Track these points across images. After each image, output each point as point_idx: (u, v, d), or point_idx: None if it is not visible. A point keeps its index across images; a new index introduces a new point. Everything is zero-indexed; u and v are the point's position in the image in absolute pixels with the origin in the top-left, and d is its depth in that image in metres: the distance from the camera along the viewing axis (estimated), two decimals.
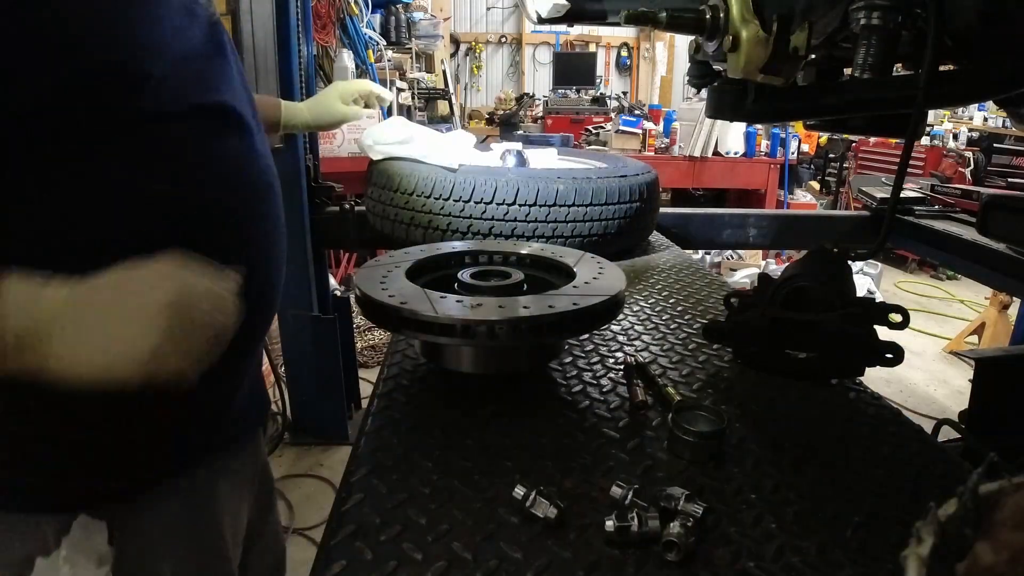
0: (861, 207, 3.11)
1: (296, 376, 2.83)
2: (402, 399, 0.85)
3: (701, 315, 1.20)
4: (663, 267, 1.50)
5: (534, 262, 1.03)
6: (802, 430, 0.81)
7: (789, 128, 5.29)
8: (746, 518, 0.64)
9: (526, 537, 0.60)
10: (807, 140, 6.08)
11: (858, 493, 0.69)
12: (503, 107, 7.81)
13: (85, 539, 0.72)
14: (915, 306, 5.09)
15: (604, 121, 6.10)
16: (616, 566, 0.57)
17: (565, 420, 0.81)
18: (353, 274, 3.75)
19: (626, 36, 9.72)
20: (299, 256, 2.53)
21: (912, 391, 3.70)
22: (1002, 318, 3.92)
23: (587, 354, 1.00)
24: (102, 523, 0.73)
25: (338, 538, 0.59)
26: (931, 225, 2.32)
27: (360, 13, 3.73)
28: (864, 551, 0.60)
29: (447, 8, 8.07)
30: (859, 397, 0.90)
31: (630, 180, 1.49)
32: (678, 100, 8.41)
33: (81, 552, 0.72)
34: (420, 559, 0.56)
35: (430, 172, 1.44)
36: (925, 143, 6.24)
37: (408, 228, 1.46)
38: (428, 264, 1.00)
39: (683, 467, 0.72)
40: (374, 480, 0.67)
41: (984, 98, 0.99)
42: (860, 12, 0.82)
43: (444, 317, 0.75)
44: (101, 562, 0.72)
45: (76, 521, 0.72)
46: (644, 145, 5.34)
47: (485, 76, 9.95)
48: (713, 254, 5.02)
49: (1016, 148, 6.48)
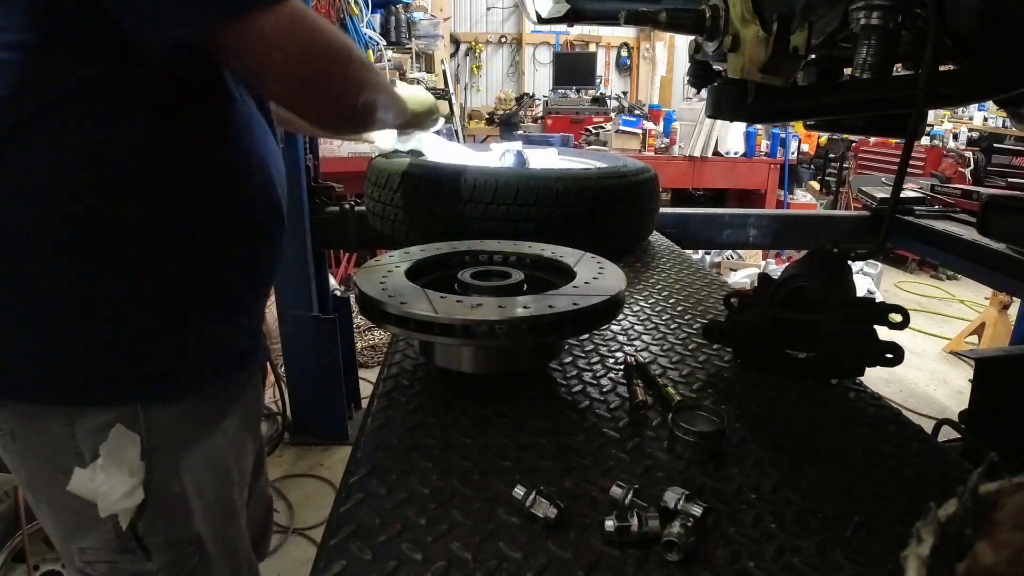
0: (861, 207, 3.11)
1: (296, 376, 2.83)
2: (402, 399, 0.85)
3: (701, 315, 1.20)
4: (663, 267, 1.50)
5: (534, 262, 1.03)
6: (802, 430, 0.81)
7: (789, 128, 5.30)
8: (746, 518, 0.64)
9: (526, 537, 0.60)
10: (807, 140, 6.08)
11: (858, 493, 0.69)
12: (503, 107, 7.81)
13: (119, 449, 0.78)
14: (915, 306, 5.09)
15: (604, 121, 6.11)
16: (616, 566, 0.57)
17: (565, 420, 0.81)
18: (353, 274, 3.75)
19: (626, 36, 9.72)
20: (299, 256, 2.53)
21: (912, 391, 3.70)
22: (1002, 318, 3.92)
23: (587, 354, 1.00)
24: (136, 436, 0.79)
25: (338, 538, 0.59)
26: (931, 225, 2.32)
27: (360, 13, 3.73)
28: (864, 551, 0.60)
29: (447, 8, 8.08)
30: (859, 397, 0.90)
31: (630, 180, 1.49)
32: (678, 100, 8.41)
33: (114, 462, 0.78)
34: (420, 559, 0.56)
35: (433, 172, 1.44)
36: (925, 143, 6.24)
37: (408, 228, 1.46)
38: (428, 264, 1.00)
39: (683, 467, 0.72)
40: (374, 480, 0.67)
41: (984, 98, 0.99)
42: (860, 12, 0.82)
43: (444, 317, 0.75)
44: (132, 473, 0.79)
45: (113, 430, 0.78)
46: (644, 145, 5.35)
47: (485, 76, 9.95)
48: (713, 254, 5.02)
49: (1016, 148, 6.48)
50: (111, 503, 0.79)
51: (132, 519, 0.81)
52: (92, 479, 0.78)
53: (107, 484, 0.78)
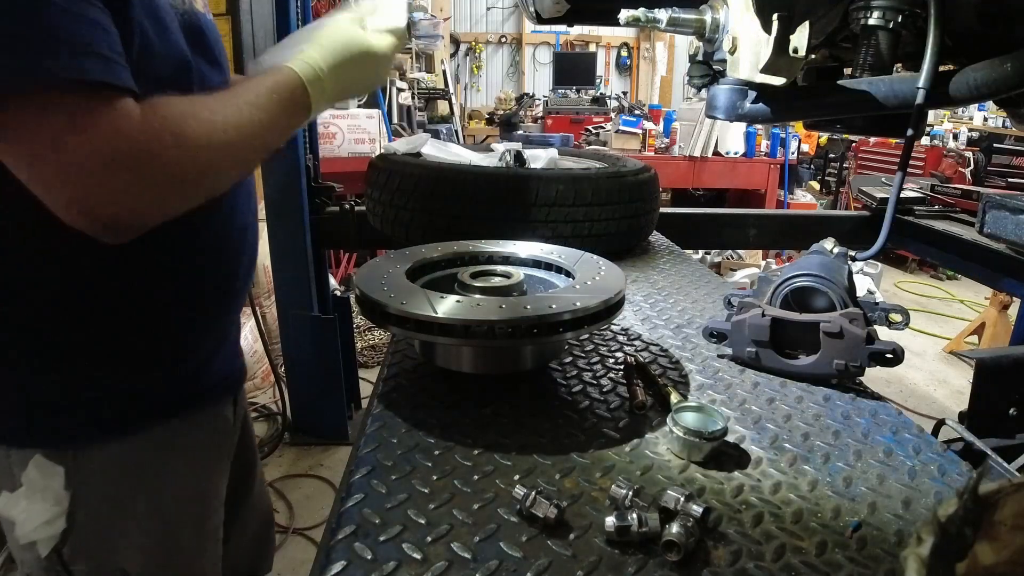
0: (861, 207, 3.11)
1: (296, 376, 2.83)
2: (402, 399, 0.85)
3: (701, 315, 1.20)
4: (663, 267, 1.50)
5: (534, 262, 1.03)
6: (802, 430, 0.81)
7: (789, 128, 5.29)
8: (746, 518, 0.64)
9: (526, 537, 0.60)
10: (807, 140, 6.08)
11: (858, 493, 0.69)
12: (503, 107, 7.81)
13: (41, 479, 0.78)
14: (915, 306, 5.09)
15: (604, 121, 6.11)
16: (616, 566, 0.57)
17: (565, 420, 0.81)
18: (353, 274, 3.75)
19: (626, 36, 9.72)
20: (299, 256, 2.53)
21: (912, 391, 3.70)
22: (1002, 318, 3.92)
23: (587, 354, 1.00)
24: (60, 467, 0.79)
25: (338, 538, 0.59)
26: (931, 225, 2.32)
27: None
28: (864, 551, 0.60)
29: (447, 8, 8.08)
30: (859, 397, 0.90)
31: (629, 180, 1.49)
32: (678, 100, 8.41)
33: (38, 490, 0.78)
34: (420, 559, 0.56)
35: (433, 171, 1.44)
36: (925, 143, 6.23)
37: (408, 228, 1.46)
38: (428, 264, 1.00)
39: (683, 467, 0.72)
40: (374, 480, 0.67)
41: (984, 98, 0.99)
42: (860, 12, 0.82)
43: (444, 317, 0.75)
44: (56, 502, 0.79)
45: (33, 460, 0.78)
46: (644, 145, 5.34)
47: (485, 76, 9.95)
48: (713, 254, 5.02)
49: (1016, 148, 6.47)
50: (27, 531, 0.79)
51: (56, 545, 0.81)
52: (16, 504, 0.79)
53: (27, 512, 0.79)
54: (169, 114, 0.65)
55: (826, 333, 0.89)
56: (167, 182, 0.65)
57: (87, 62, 0.58)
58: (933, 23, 0.77)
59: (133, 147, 0.61)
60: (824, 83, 1.11)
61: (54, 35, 0.57)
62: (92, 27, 0.59)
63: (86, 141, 0.59)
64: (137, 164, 0.62)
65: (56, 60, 0.57)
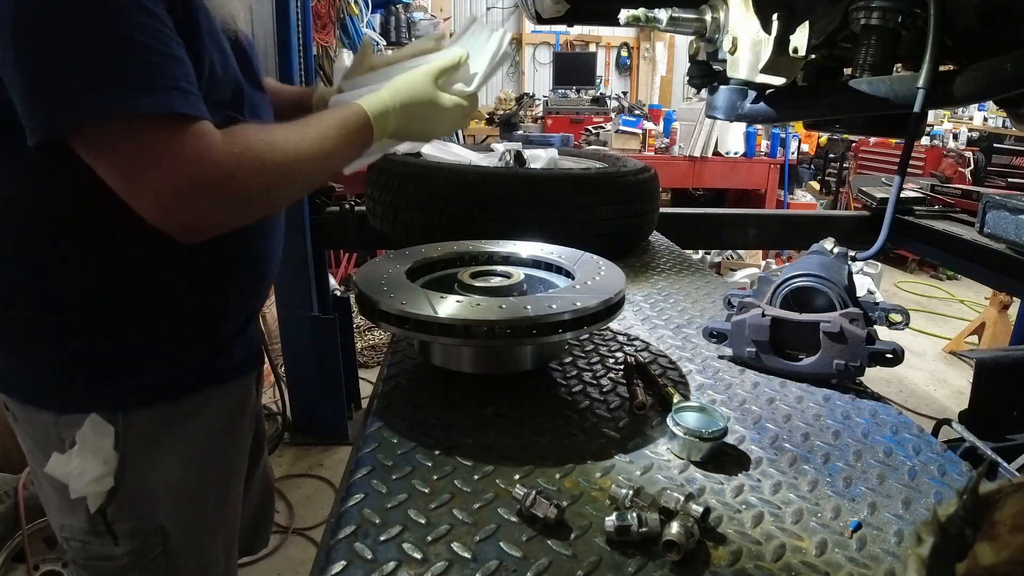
0: (861, 207, 3.11)
1: (296, 376, 2.82)
2: (402, 399, 0.85)
3: (701, 315, 1.20)
4: (663, 267, 1.50)
5: (534, 262, 1.03)
6: (802, 430, 0.81)
7: (789, 128, 5.29)
8: (746, 518, 0.64)
9: (526, 537, 0.60)
10: (807, 140, 6.07)
11: (858, 493, 0.69)
12: (503, 107, 7.80)
13: (95, 438, 0.85)
14: (915, 306, 5.09)
15: (604, 121, 6.10)
16: (616, 566, 0.57)
17: (565, 420, 0.81)
18: (353, 274, 3.75)
19: (626, 36, 9.71)
20: (299, 256, 2.52)
21: (912, 391, 3.70)
22: (1002, 318, 3.91)
23: (587, 354, 1.00)
24: (111, 427, 0.85)
25: (338, 538, 0.59)
26: (931, 225, 2.32)
27: (360, 13, 3.73)
28: (864, 551, 0.60)
29: (447, 8, 8.08)
30: (859, 397, 0.90)
31: (629, 180, 1.49)
32: (678, 100, 8.40)
33: (90, 449, 0.85)
34: (420, 559, 0.56)
35: (433, 171, 1.44)
36: (925, 143, 6.23)
37: (408, 228, 1.46)
38: (428, 264, 1.00)
39: (683, 467, 0.72)
40: (374, 480, 0.67)
41: (984, 98, 0.99)
42: (860, 12, 0.82)
43: (444, 317, 0.75)
44: (106, 461, 0.86)
45: (89, 419, 0.84)
46: (644, 145, 5.34)
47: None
48: (713, 254, 5.02)
49: (1016, 148, 6.47)
50: (81, 486, 0.85)
51: (102, 504, 0.87)
52: (67, 463, 0.85)
53: (79, 469, 0.85)
54: (248, 141, 0.75)
55: (826, 333, 0.89)
56: (244, 201, 0.76)
57: (174, 97, 0.68)
58: (933, 23, 0.77)
59: (216, 171, 0.71)
60: (824, 83, 1.11)
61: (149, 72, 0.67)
62: (176, 64, 0.70)
63: (173, 165, 0.69)
64: (218, 185, 0.72)
65: (150, 97, 0.67)
